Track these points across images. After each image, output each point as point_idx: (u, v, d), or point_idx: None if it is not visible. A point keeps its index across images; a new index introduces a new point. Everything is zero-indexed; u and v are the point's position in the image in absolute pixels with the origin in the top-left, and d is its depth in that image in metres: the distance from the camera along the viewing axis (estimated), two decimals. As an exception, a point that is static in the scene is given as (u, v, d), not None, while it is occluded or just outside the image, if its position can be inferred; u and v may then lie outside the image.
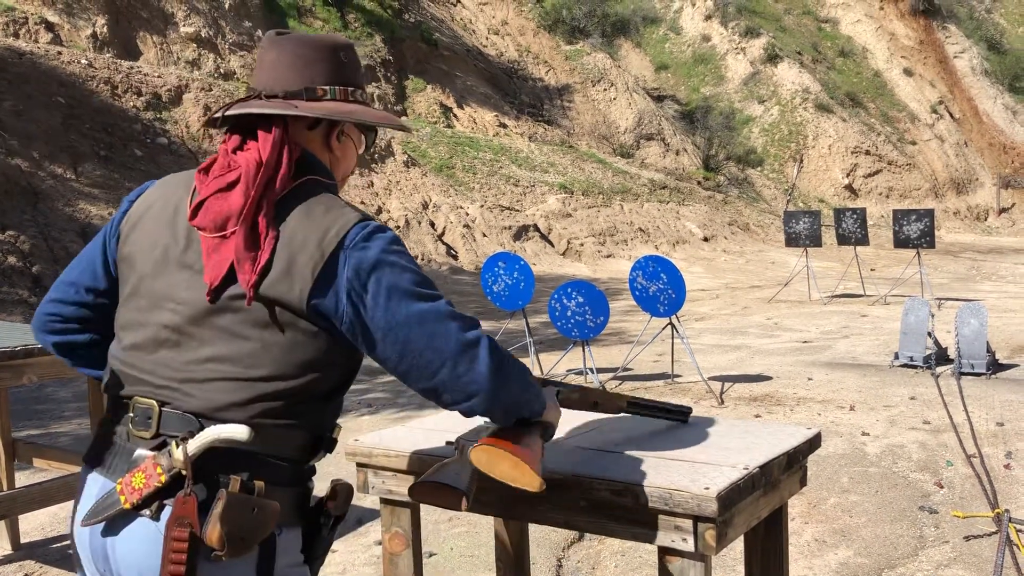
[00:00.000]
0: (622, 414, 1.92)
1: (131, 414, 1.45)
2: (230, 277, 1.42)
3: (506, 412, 1.51)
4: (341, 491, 1.55)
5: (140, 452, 1.42)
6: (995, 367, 7.25)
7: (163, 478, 1.36)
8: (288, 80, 1.54)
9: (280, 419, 1.44)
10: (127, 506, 1.37)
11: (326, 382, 1.48)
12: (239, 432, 1.37)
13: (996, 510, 4.06)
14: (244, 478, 1.38)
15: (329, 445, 1.56)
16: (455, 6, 25.06)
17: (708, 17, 33.13)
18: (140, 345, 1.49)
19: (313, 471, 1.54)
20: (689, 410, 2.01)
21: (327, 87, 1.55)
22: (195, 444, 1.37)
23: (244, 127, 1.53)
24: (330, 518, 1.53)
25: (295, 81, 1.54)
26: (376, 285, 1.41)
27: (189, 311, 1.44)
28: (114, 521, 1.39)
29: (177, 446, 1.36)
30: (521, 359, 7.88)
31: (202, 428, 1.39)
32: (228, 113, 1.53)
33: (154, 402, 1.43)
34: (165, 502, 1.36)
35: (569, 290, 7.08)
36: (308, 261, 1.41)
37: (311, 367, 1.45)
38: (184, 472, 1.35)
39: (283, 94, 1.53)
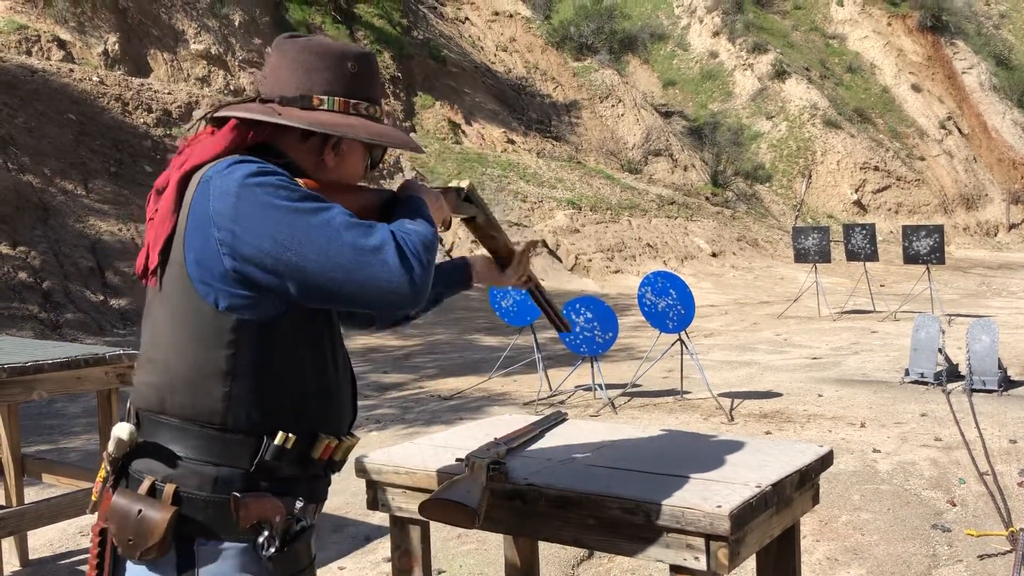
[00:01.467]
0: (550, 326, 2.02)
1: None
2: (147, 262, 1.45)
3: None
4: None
5: None
6: (1007, 384, 7.20)
7: (101, 474, 1.43)
8: (286, 86, 1.49)
9: (192, 409, 1.36)
10: (93, 497, 1.46)
11: (240, 360, 1.35)
12: (121, 431, 1.39)
13: (1011, 528, 4.02)
14: (158, 479, 1.36)
15: (283, 453, 1.38)
16: (463, 23, 25.18)
17: (716, 34, 33.20)
18: None
19: (283, 483, 1.39)
20: (569, 328, 2.02)
21: (325, 97, 1.48)
22: (110, 443, 1.41)
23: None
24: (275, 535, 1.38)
25: (293, 87, 1.48)
26: (245, 214, 1.31)
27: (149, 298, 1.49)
28: None
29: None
30: (530, 375, 7.87)
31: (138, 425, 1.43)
32: (216, 115, 1.48)
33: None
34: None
35: (578, 306, 7.07)
36: (185, 209, 1.38)
37: (213, 340, 1.34)
38: (108, 469, 1.42)
39: (279, 99, 1.47)
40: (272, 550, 1.37)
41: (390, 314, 1.49)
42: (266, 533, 1.37)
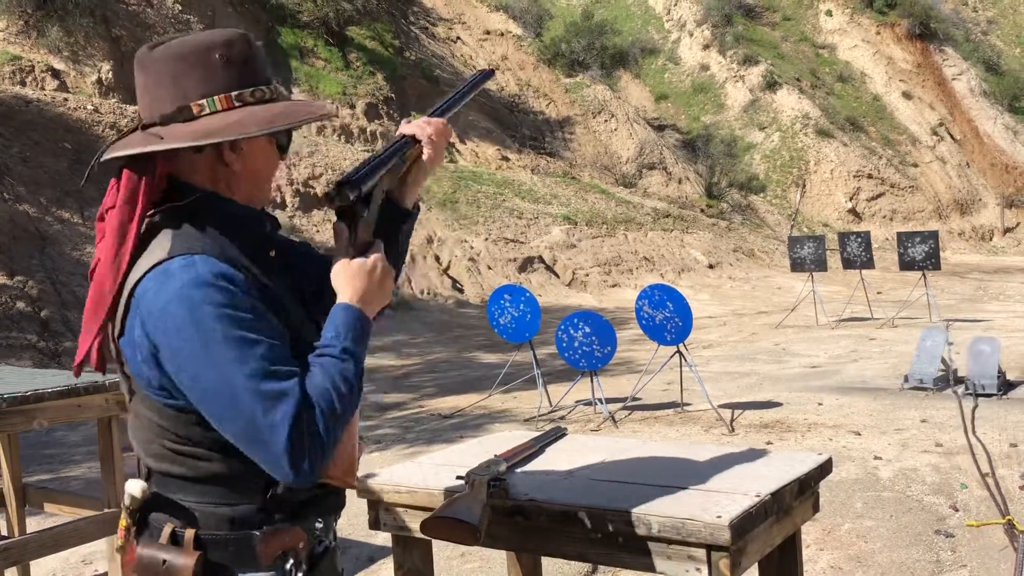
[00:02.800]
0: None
1: None
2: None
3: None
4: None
5: None
6: (1006, 387, 7.21)
7: (123, 523, 1.41)
8: (161, 102, 1.37)
9: (198, 468, 1.36)
10: (119, 542, 1.44)
11: (204, 424, 1.33)
12: (134, 488, 1.39)
13: (1007, 517, 4.04)
14: (177, 527, 1.36)
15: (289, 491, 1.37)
16: (455, 43, 25.32)
17: (706, 47, 33.40)
18: None
19: (279, 514, 1.38)
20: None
21: (203, 100, 1.35)
22: (126, 496, 1.40)
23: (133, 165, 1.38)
24: (292, 560, 1.39)
25: (167, 102, 1.36)
26: (161, 343, 1.27)
27: None
28: None
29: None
30: (529, 391, 7.86)
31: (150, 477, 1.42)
32: (103, 159, 1.38)
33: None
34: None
35: (576, 321, 7.08)
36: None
37: (180, 409, 1.34)
38: (128, 521, 1.41)
39: (160, 119, 1.37)
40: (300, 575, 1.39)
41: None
42: (291, 561, 1.38)
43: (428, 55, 23.33)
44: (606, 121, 25.93)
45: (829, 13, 37.64)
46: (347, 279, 1.40)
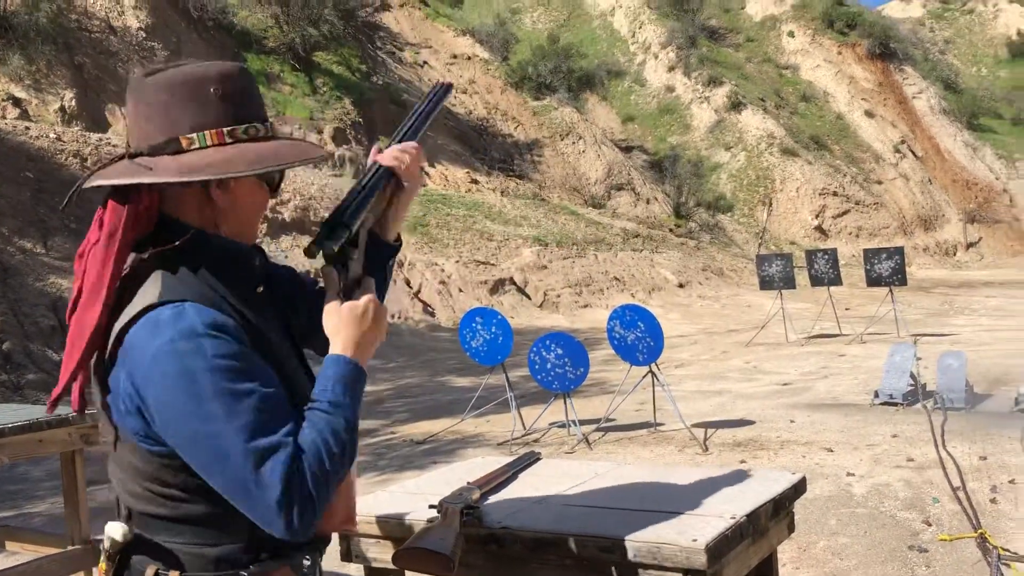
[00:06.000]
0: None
1: None
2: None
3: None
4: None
5: None
6: (974, 400, 7.29)
7: (103, 567, 1.35)
8: (150, 132, 1.33)
9: (181, 510, 1.33)
10: None
11: (190, 470, 1.30)
12: (114, 531, 1.34)
13: (979, 530, 4.07)
14: (160, 568, 1.33)
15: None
16: (422, 67, 25.40)
17: (671, 68, 33.80)
18: None
19: (280, 550, 1.38)
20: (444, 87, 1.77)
21: (193, 134, 1.32)
22: (105, 539, 1.35)
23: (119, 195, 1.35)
24: None
25: (157, 132, 1.32)
26: (149, 398, 1.25)
27: None
28: None
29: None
30: (503, 415, 7.82)
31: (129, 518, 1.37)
32: (85, 186, 1.34)
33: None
34: None
35: (548, 342, 7.07)
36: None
37: (165, 455, 1.31)
38: (107, 564, 1.36)
39: (148, 150, 1.32)
40: None
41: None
42: None
43: (395, 79, 23.38)
44: (574, 143, 26.10)
45: (791, 34, 38.29)
46: (336, 327, 1.38)
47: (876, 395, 7.71)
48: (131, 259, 1.36)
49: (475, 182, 21.75)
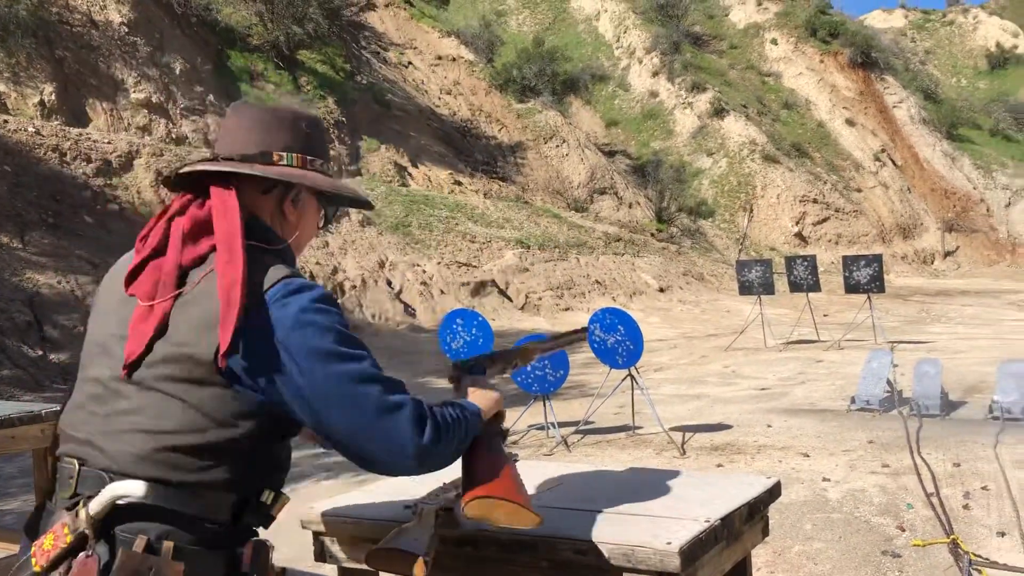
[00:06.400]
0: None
1: (59, 475, 1.44)
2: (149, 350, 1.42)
3: (444, 463, 1.50)
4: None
5: (58, 514, 1.39)
6: (949, 407, 7.36)
7: (68, 539, 1.34)
8: (245, 144, 1.56)
9: (192, 474, 1.38)
10: (37, 568, 1.35)
11: (246, 439, 1.42)
12: (134, 488, 1.35)
13: (952, 536, 4.10)
14: (152, 538, 1.34)
15: (258, 509, 1.47)
16: (407, 68, 25.36)
17: (655, 74, 33.94)
18: (76, 403, 1.49)
19: (249, 533, 1.47)
20: (584, 329, 2.08)
21: (284, 152, 1.57)
22: (96, 503, 1.35)
23: (197, 188, 1.54)
24: None
25: (252, 145, 1.56)
26: (292, 347, 1.38)
27: (117, 366, 1.44)
28: None
29: (83, 505, 1.35)
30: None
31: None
32: (183, 171, 1.54)
33: (75, 460, 1.42)
34: (73, 562, 1.33)
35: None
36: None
37: (226, 423, 1.40)
38: (87, 532, 1.33)
39: (239, 157, 1.54)
40: None
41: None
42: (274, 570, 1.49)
43: (379, 79, 23.33)
44: (558, 146, 26.14)
45: (774, 42, 38.54)
46: (481, 396, 1.64)
47: (853, 401, 7.77)
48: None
49: (458, 183, 21.74)
